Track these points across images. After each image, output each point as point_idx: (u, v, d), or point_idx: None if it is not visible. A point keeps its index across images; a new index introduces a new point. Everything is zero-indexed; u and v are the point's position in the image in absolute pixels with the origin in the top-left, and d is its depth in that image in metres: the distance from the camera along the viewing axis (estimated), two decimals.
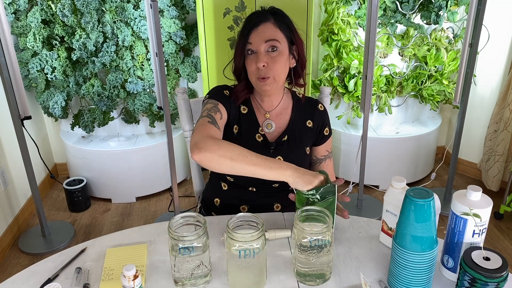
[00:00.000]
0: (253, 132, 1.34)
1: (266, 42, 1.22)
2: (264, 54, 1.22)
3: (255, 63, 1.23)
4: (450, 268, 0.99)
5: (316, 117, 1.38)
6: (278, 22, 1.24)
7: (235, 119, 1.34)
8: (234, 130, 1.33)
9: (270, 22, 1.24)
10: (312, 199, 1.08)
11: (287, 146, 1.34)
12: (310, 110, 1.39)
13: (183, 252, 0.94)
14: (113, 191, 2.83)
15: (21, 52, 2.57)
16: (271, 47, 1.23)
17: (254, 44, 1.23)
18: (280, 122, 1.36)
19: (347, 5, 2.63)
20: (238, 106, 1.35)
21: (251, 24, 1.24)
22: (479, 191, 0.93)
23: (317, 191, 1.06)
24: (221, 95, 1.32)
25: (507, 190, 2.50)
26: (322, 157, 1.41)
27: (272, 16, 1.25)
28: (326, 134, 1.40)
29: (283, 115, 1.36)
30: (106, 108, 2.64)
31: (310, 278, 0.99)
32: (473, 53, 2.31)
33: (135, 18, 2.48)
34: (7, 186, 2.47)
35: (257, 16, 1.26)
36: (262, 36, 1.22)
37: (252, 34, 1.23)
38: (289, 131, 1.35)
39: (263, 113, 1.35)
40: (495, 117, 2.70)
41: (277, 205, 1.38)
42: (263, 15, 1.25)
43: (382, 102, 2.77)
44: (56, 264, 1.08)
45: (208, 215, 1.41)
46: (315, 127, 1.38)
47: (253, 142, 1.33)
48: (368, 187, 2.93)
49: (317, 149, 1.41)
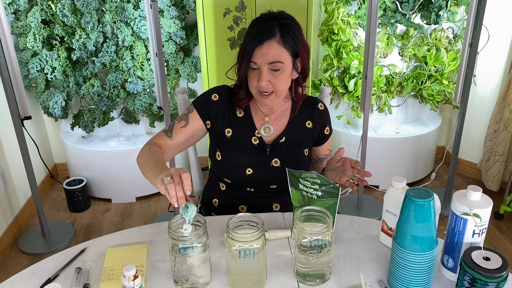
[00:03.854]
0: (249, 135, 1.33)
1: (271, 63, 1.18)
2: (266, 73, 1.19)
3: (256, 80, 1.21)
4: (450, 268, 0.99)
5: (316, 117, 1.37)
6: (283, 39, 1.18)
7: (226, 122, 1.32)
8: (226, 133, 1.33)
9: (275, 41, 1.18)
10: (311, 194, 1.08)
11: (284, 148, 1.33)
12: (310, 110, 1.37)
13: (183, 252, 0.94)
14: (113, 191, 2.83)
15: (21, 52, 2.57)
16: (274, 67, 1.19)
17: (258, 63, 1.19)
18: (278, 125, 1.35)
19: (347, 5, 2.63)
20: (234, 110, 1.33)
21: (255, 41, 1.18)
22: (479, 191, 0.93)
23: (319, 187, 1.06)
24: (203, 102, 1.32)
25: (507, 190, 2.50)
26: (323, 156, 1.41)
27: (279, 31, 1.18)
28: (327, 133, 1.39)
29: (282, 117, 1.35)
30: (106, 108, 2.64)
31: (310, 278, 0.99)
32: (473, 53, 2.31)
33: (135, 18, 2.48)
34: (7, 186, 2.47)
35: (262, 29, 1.19)
36: (265, 57, 1.18)
37: (255, 53, 1.18)
38: (287, 132, 1.34)
39: (262, 117, 1.34)
40: (495, 117, 2.70)
41: (276, 205, 1.38)
42: (270, 30, 1.18)
43: (382, 102, 2.77)
44: (56, 264, 1.08)
45: (208, 215, 1.41)
46: (315, 127, 1.37)
47: (249, 144, 1.32)
48: (368, 187, 2.93)
49: (318, 148, 1.40)
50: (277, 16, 1.21)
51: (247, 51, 1.19)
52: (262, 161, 1.32)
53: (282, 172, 1.30)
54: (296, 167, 1.13)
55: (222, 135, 1.33)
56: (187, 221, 0.94)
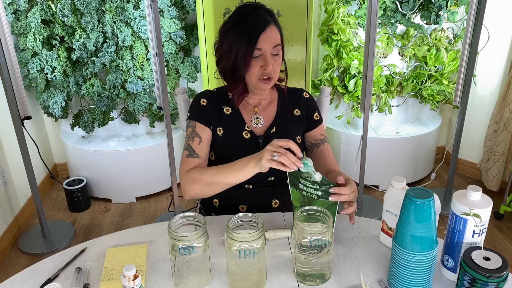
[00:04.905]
0: (240, 130, 1.35)
1: (274, 47, 1.24)
2: (271, 57, 1.24)
3: (259, 67, 1.24)
4: (450, 268, 0.99)
5: (303, 104, 1.41)
6: (276, 24, 1.25)
7: (218, 122, 1.35)
8: (218, 132, 1.35)
9: (273, 25, 1.24)
10: (312, 194, 1.08)
11: (276, 137, 1.33)
12: (296, 99, 1.42)
13: (183, 252, 0.94)
14: (113, 191, 2.83)
15: (21, 52, 2.57)
16: (277, 51, 1.25)
17: (263, 48, 1.23)
18: (268, 115, 1.38)
19: (347, 5, 2.63)
20: (221, 108, 1.36)
21: (258, 28, 1.22)
22: (479, 191, 0.93)
23: (320, 187, 1.06)
24: (198, 111, 1.34)
25: (507, 190, 2.50)
26: (317, 141, 1.41)
27: (270, 17, 1.25)
28: (317, 119, 1.42)
29: (270, 108, 1.39)
30: (106, 108, 2.64)
31: (310, 278, 0.99)
32: (473, 53, 2.31)
33: (135, 18, 2.48)
34: (7, 186, 2.47)
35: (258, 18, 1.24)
36: (270, 41, 1.23)
37: (260, 39, 1.21)
38: (277, 122, 1.37)
39: (251, 109, 1.37)
40: (495, 117, 2.70)
41: (275, 201, 1.38)
42: (265, 17, 1.24)
43: (382, 102, 2.77)
44: (56, 264, 1.08)
45: (208, 215, 1.41)
46: (303, 114, 1.40)
47: (240, 139, 1.34)
48: (368, 187, 2.93)
49: (310, 134, 1.42)
50: (260, 7, 1.28)
51: (251, 40, 1.21)
52: None
53: None
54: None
55: (215, 134, 1.35)
56: (312, 173, 1.04)
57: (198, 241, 0.94)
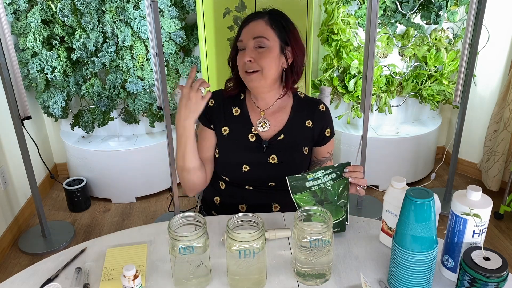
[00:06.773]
0: (246, 132, 1.34)
1: (254, 38, 1.24)
2: (251, 50, 1.25)
3: (242, 59, 1.26)
4: (450, 268, 0.99)
5: (316, 117, 1.37)
6: (271, 21, 1.25)
7: (222, 122, 1.36)
8: (223, 131, 1.35)
9: (263, 20, 1.26)
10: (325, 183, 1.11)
11: (282, 145, 1.33)
12: (310, 110, 1.37)
13: (183, 252, 0.94)
14: (113, 191, 2.83)
15: (21, 52, 2.57)
16: (259, 43, 1.25)
17: (244, 40, 1.26)
18: (276, 121, 1.35)
19: (347, 5, 2.63)
20: (230, 109, 1.36)
21: (243, 23, 1.28)
22: (479, 191, 0.93)
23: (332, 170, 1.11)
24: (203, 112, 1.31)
25: (507, 190, 2.50)
26: (323, 158, 1.40)
27: (267, 16, 1.27)
28: (328, 135, 1.38)
29: (280, 114, 1.36)
30: (106, 108, 2.64)
31: (310, 278, 0.99)
32: (473, 53, 2.31)
33: (135, 18, 2.48)
34: (7, 186, 2.47)
35: (252, 15, 1.29)
36: (251, 32, 1.25)
37: (243, 31, 1.27)
38: (286, 130, 1.34)
39: (258, 112, 1.36)
40: (495, 117, 2.70)
41: (275, 205, 1.38)
42: (258, 14, 1.28)
43: (382, 102, 2.77)
44: (56, 264, 1.08)
45: (208, 215, 1.41)
46: (315, 127, 1.36)
47: (245, 141, 1.34)
48: (368, 187, 2.93)
49: (318, 150, 1.40)
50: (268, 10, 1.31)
51: (236, 35, 1.28)
52: (259, 158, 1.33)
53: (279, 170, 1.30)
54: (293, 165, 1.13)
55: (220, 134, 1.35)
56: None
57: (198, 241, 0.94)
